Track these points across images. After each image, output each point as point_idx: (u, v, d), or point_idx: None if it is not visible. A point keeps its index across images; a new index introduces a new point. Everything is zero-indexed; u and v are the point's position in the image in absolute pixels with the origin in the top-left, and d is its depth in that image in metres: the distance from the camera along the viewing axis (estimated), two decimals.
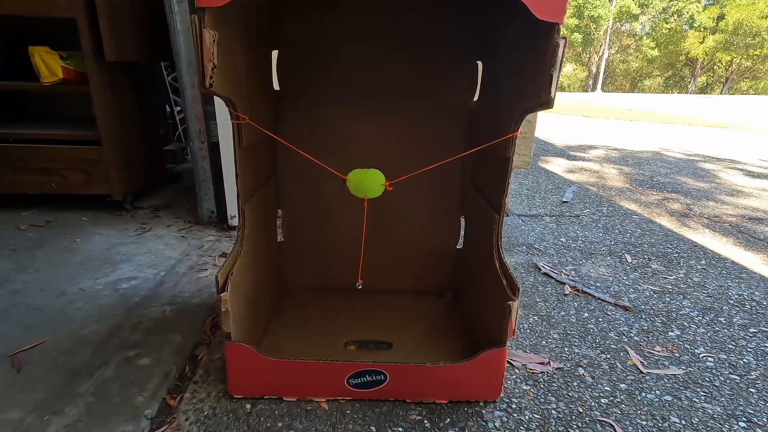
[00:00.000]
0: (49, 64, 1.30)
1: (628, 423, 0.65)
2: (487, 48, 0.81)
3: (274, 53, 0.83)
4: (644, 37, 26.90)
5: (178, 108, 2.26)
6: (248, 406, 0.65)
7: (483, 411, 0.66)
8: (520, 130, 0.64)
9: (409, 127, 0.87)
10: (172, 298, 0.94)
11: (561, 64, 0.51)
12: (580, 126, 5.25)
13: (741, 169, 2.72)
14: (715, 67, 26.03)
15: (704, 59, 24.52)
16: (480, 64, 0.83)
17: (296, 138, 0.85)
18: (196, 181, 1.36)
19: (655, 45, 25.95)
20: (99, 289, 0.96)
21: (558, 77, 0.51)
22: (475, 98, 0.86)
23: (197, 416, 0.63)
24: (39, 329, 0.81)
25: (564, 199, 1.85)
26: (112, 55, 1.26)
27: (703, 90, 27.44)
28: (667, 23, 24.98)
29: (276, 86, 0.85)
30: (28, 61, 1.29)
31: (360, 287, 0.76)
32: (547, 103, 0.52)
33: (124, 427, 0.60)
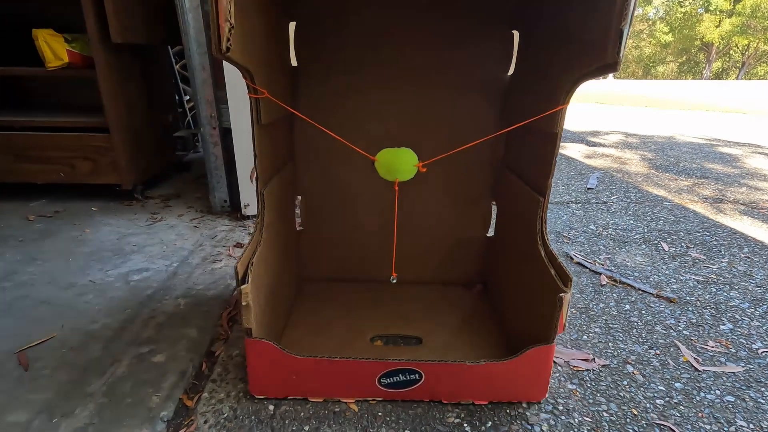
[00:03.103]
0: (53, 48, 1.24)
1: (689, 427, 0.59)
2: (526, 15, 0.73)
3: (291, 25, 0.76)
4: (657, 22, 26.25)
5: (187, 97, 2.20)
6: (271, 407, 0.60)
7: (527, 413, 0.60)
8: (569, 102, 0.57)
9: (436, 104, 0.80)
10: (186, 290, 0.89)
11: (632, 18, 0.44)
12: (595, 113, 5.11)
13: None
14: (731, 52, 25.34)
15: (720, 43, 23.86)
16: (516, 33, 0.76)
17: (316, 117, 0.79)
18: (208, 169, 1.31)
19: (668, 30, 25.31)
20: (110, 281, 0.92)
21: (628, 34, 0.44)
22: (510, 71, 0.78)
23: (217, 418, 0.58)
24: (47, 323, 0.77)
25: (588, 186, 1.77)
26: (119, 37, 1.20)
27: (719, 76, 26.77)
28: (681, 7, 24.32)
29: (294, 62, 0.78)
30: (32, 45, 1.24)
31: (394, 281, 0.70)
32: (614, 65, 0.45)
33: (139, 430, 0.55)
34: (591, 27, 0.50)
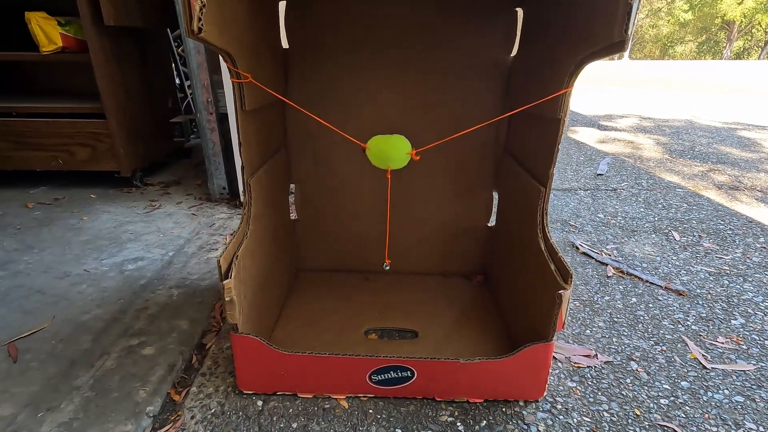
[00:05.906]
0: (47, 31, 1.22)
1: (695, 429, 0.56)
2: None
3: (281, 5, 0.72)
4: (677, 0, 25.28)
5: (189, 82, 2.17)
6: (260, 403, 0.59)
7: (524, 412, 0.58)
8: (573, 86, 0.53)
9: (435, 88, 0.76)
10: (180, 280, 0.88)
11: None
12: (609, 95, 4.96)
13: None
14: (754, 30, 24.37)
15: (742, 22, 22.94)
16: (520, 11, 0.71)
17: (309, 103, 0.76)
18: (206, 156, 1.29)
19: (688, 8, 24.37)
20: (104, 271, 0.91)
21: (637, 11, 0.40)
22: (513, 53, 0.74)
23: (204, 414, 0.57)
24: (39, 314, 0.76)
25: (598, 172, 1.71)
26: (112, 19, 1.17)
27: (739, 55, 25.84)
28: None
29: (285, 44, 0.75)
30: (26, 29, 1.22)
31: (387, 267, 0.68)
32: (620, 45, 0.41)
33: (123, 426, 0.54)
34: (596, 6, 0.45)
